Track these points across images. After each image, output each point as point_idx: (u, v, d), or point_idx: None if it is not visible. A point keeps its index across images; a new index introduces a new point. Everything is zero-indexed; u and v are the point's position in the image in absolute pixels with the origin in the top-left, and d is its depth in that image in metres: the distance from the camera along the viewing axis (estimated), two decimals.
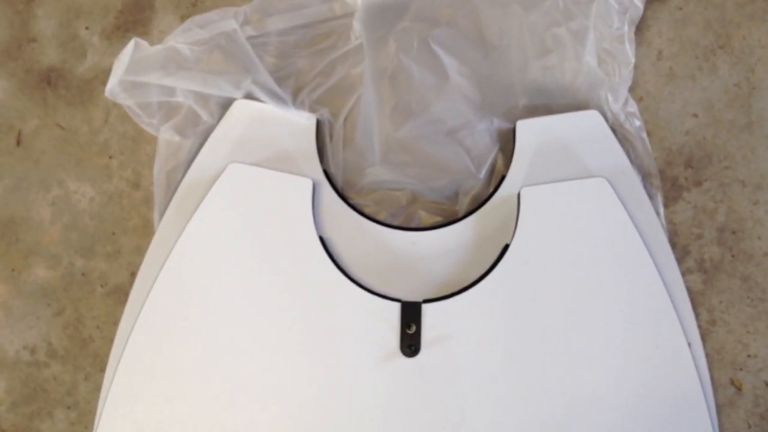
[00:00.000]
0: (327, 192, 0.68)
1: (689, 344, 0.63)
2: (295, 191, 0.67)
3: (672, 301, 0.64)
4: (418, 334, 0.64)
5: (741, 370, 0.66)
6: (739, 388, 0.66)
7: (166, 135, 0.68)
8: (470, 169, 0.70)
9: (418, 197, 0.70)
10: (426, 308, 0.64)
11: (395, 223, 0.70)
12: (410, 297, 0.65)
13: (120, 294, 0.69)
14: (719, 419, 0.65)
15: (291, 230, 0.66)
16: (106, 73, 0.65)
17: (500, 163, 0.70)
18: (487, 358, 0.63)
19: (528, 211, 0.66)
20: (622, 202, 0.65)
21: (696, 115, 0.70)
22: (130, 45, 0.65)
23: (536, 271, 0.65)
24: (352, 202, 0.69)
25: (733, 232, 0.68)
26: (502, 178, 0.68)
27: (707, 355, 0.65)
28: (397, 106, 0.70)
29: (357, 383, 0.63)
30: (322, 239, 0.66)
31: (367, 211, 0.69)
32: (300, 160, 0.69)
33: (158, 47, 0.66)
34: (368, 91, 0.69)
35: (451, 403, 0.63)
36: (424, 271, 0.67)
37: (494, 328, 0.64)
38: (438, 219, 0.70)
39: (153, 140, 0.70)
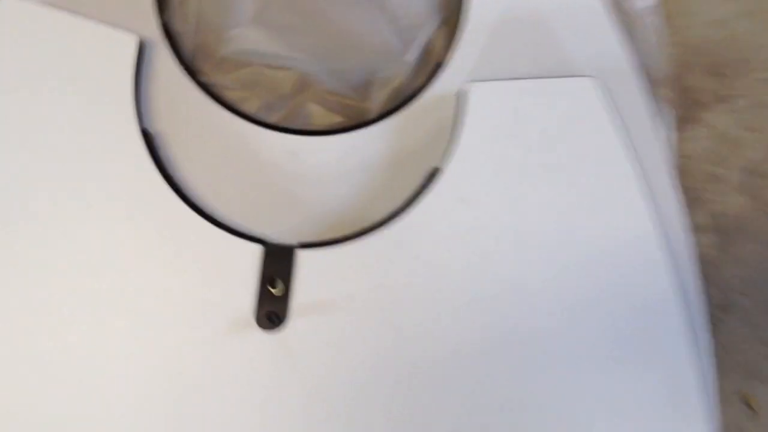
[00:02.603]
0: (164, 60, 0.44)
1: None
2: (110, 54, 0.42)
3: (675, 271, 0.42)
4: (285, 297, 0.41)
5: (756, 379, 0.46)
6: (751, 407, 0.45)
7: None
8: (394, 47, 0.45)
9: (309, 83, 0.46)
10: (302, 256, 0.41)
11: (271, 120, 0.45)
12: (280, 238, 0.42)
13: None
14: None
15: (102, 116, 0.41)
16: None
17: (439, 42, 0.46)
18: (385, 338, 0.41)
19: (474, 118, 0.43)
20: (618, 117, 0.43)
21: None
22: None
23: (477, 212, 0.42)
24: (204, 80, 0.44)
25: (763, 176, 0.47)
26: (439, 65, 0.44)
27: (716, 356, 0.44)
28: None
29: (192, 365, 0.41)
30: (147, 135, 0.41)
31: (227, 96, 0.45)
32: (123, 6, 0.43)
33: None
34: None
35: (326, 402, 0.41)
36: (307, 199, 0.44)
37: (403, 293, 0.41)
38: (337, 120, 0.46)
39: None
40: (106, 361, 0.40)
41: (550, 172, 0.42)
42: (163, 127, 0.43)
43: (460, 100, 0.43)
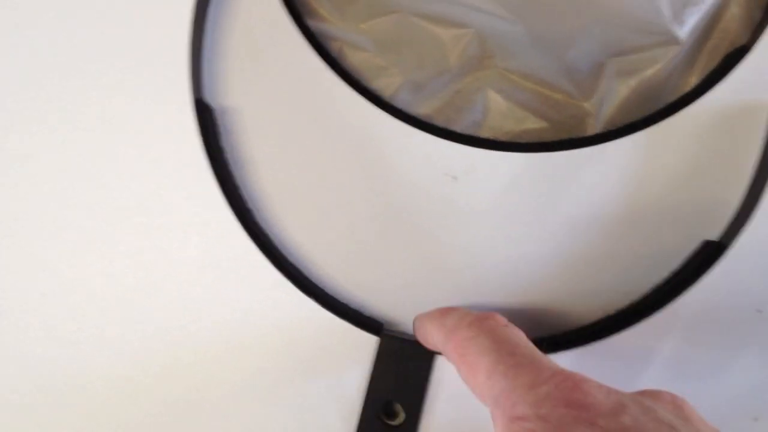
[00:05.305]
0: None
1: None
2: None
3: None
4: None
5: None
6: None
7: None
8: (653, 10, 0.25)
9: (493, 53, 0.26)
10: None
11: (419, 110, 0.26)
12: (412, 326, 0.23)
13: None
14: None
15: (146, 76, 0.24)
16: None
17: (734, 11, 0.26)
18: None
19: None
20: None
21: None
22: None
23: None
24: (315, 27, 0.26)
25: None
26: (736, 52, 0.25)
27: None
28: None
29: None
30: (204, 110, 0.24)
31: (351, 60, 0.26)
32: None
33: None
34: None
35: None
36: (466, 261, 0.25)
37: None
38: (534, 125, 0.26)
39: None
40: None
41: None
42: (235, 102, 0.24)
43: None
